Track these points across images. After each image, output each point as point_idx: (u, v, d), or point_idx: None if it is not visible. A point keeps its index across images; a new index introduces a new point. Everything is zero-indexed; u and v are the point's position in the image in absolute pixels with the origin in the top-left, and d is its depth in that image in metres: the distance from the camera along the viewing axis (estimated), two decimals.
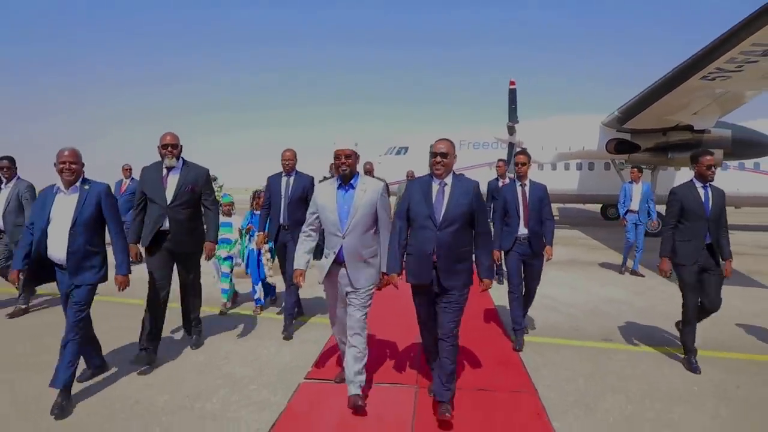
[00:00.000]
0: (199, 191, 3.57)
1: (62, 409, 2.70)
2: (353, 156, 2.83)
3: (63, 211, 2.85)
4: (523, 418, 2.75)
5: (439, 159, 2.71)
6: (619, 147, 11.82)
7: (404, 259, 2.85)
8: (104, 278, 2.99)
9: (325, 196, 2.88)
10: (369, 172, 6.22)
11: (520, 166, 4.00)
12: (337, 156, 2.82)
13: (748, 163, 13.38)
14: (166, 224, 3.45)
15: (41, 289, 4.75)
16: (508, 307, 4.02)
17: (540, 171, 13.77)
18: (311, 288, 5.27)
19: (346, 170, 2.81)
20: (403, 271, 2.86)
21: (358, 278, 2.81)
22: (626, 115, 10.73)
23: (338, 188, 2.86)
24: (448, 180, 2.75)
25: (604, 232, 12.61)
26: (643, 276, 6.89)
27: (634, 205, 7.12)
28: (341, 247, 2.81)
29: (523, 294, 3.99)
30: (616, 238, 10.75)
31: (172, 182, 3.47)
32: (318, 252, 3.05)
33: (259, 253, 4.84)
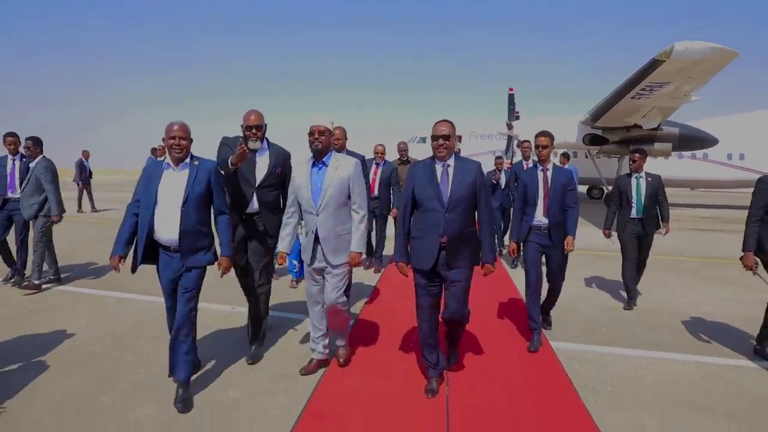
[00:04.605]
0: (285, 174, 3.50)
1: (185, 401, 2.72)
2: (327, 133, 3.01)
3: (172, 189, 2.80)
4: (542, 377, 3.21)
5: (441, 141, 2.83)
6: (593, 140, 16.35)
7: (409, 244, 2.97)
8: (213, 261, 2.97)
9: (300, 174, 3.08)
10: (403, 151, 6.69)
11: (541, 148, 3.81)
12: (311, 132, 3.00)
13: (699, 153, 17.88)
14: (255, 206, 3.43)
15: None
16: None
17: (533, 157, 18.40)
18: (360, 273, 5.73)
19: (318, 146, 3.00)
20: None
21: (333, 255, 3.03)
22: (593, 116, 15.29)
23: (312, 166, 3.06)
24: (451, 162, 2.89)
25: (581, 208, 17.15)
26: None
27: None
28: (316, 224, 3.02)
29: (548, 290, 3.97)
30: (591, 213, 15.08)
31: (261, 163, 3.42)
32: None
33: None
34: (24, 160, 5.23)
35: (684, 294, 5.54)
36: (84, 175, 13.67)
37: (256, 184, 3.40)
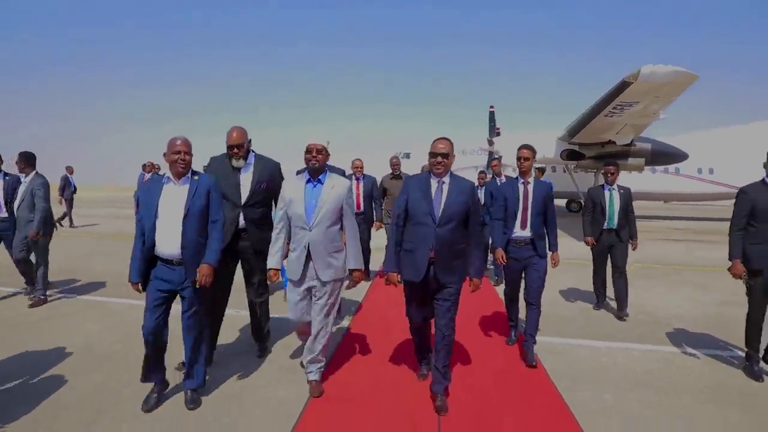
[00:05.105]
0: (274, 189, 3.49)
1: (196, 401, 2.95)
2: (324, 152, 3.06)
3: (173, 203, 2.86)
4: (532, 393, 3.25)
5: (440, 159, 2.92)
6: (570, 155, 17.11)
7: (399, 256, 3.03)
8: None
9: (294, 190, 3.10)
10: (396, 165, 6.74)
11: (523, 161, 3.78)
12: (308, 150, 3.03)
13: (672, 168, 18.80)
14: (242, 222, 3.49)
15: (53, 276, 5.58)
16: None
17: (513, 172, 19.07)
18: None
19: (315, 164, 3.04)
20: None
21: (324, 272, 3.06)
22: (570, 133, 16.05)
23: (306, 182, 3.09)
24: (446, 179, 2.97)
25: (561, 221, 17.83)
26: None
27: None
28: (308, 240, 3.03)
29: (528, 305, 3.84)
30: (570, 226, 15.61)
31: (245, 180, 3.47)
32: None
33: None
34: (7, 178, 5.15)
35: (654, 296, 6.05)
36: (68, 191, 13.79)
37: (242, 203, 3.47)
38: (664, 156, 17.27)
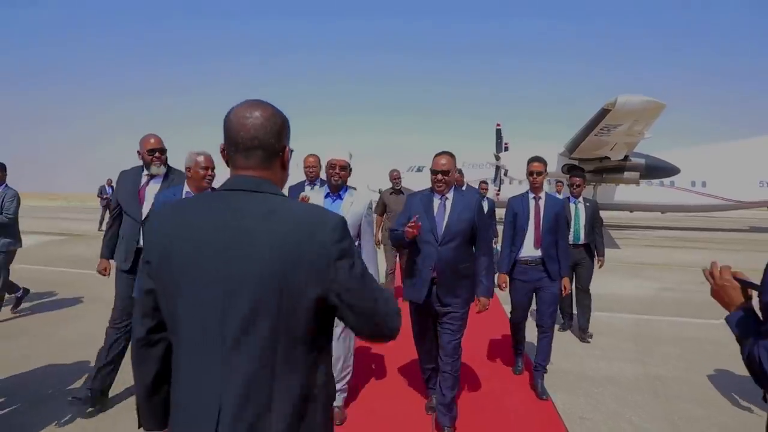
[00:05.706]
0: None
1: None
2: (347, 168, 2.94)
3: None
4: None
5: (440, 177, 2.80)
6: (570, 170, 18.77)
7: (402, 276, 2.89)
8: None
9: None
10: (396, 179, 6.15)
11: (536, 175, 3.48)
12: (331, 165, 2.90)
13: (667, 181, 20.31)
14: (142, 241, 3.00)
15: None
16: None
17: (519, 185, 20.80)
18: None
19: (338, 181, 2.92)
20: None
21: None
22: (569, 149, 17.84)
23: (326, 197, 2.96)
24: (450, 194, 2.86)
25: None
26: None
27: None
28: None
29: (540, 330, 3.57)
30: None
31: (151, 193, 3.10)
32: None
33: None
34: None
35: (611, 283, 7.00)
36: (103, 198, 16.56)
37: (142, 218, 3.05)
38: (657, 170, 18.84)
